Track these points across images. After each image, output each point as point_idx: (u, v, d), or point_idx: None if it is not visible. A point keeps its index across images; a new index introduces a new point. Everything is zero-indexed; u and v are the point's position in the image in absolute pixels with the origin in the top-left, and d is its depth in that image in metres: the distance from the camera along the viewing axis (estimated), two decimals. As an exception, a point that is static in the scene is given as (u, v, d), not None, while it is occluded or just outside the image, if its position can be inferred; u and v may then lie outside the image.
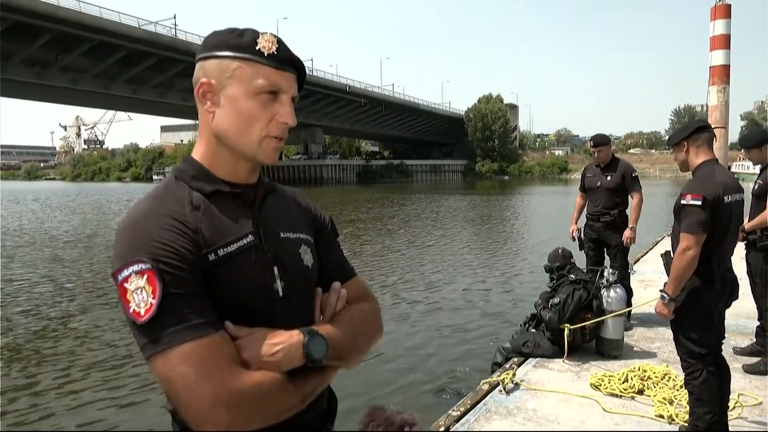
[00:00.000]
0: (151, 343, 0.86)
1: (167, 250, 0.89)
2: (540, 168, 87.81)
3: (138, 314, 0.86)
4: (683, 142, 2.90)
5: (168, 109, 58.63)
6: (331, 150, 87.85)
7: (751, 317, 4.63)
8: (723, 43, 20.90)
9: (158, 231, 0.91)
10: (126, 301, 0.87)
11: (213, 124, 1.01)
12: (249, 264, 0.98)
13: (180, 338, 0.86)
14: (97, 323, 7.35)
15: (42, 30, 35.00)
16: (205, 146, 1.04)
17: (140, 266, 0.87)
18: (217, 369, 0.86)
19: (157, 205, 0.96)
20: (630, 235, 5.11)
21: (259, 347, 0.92)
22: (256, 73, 0.98)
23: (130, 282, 0.87)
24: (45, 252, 13.99)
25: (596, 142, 5.32)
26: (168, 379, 0.86)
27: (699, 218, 2.68)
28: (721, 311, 2.90)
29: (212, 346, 0.87)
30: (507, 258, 12.60)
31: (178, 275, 0.89)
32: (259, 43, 0.99)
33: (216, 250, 0.95)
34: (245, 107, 0.99)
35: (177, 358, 0.85)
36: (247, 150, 1.01)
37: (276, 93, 1.00)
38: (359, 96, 65.42)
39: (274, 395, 0.91)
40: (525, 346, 4.44)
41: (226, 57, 0.99)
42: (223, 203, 1.01)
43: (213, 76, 1.00)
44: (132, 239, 0.91)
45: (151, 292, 0.86)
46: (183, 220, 0.94)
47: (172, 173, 1.05)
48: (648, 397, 3.62)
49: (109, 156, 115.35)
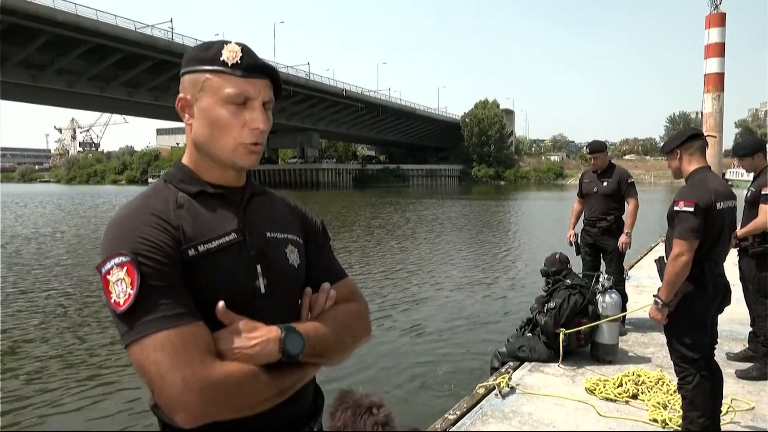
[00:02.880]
0: (128, 331, 0.91)
1: (146, 244, 0.94)
2: (536, 173, 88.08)
3: (118, 304, 0.91)
4: (676, 150, 2.94)
5: (164, 112, 58.55)
6: (327, 154, 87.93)
7: (743, 323, 4.68)
8: (718, 51, 21.07)
9: (140, 227, 0.96)
10: (108, 292, 0.93)
11: (192, 135, 1.08)
12: (230, 260, 1.02)
13: (155, 327, 0.90)
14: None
15: (38, 32, 34.96)
16: (190, 154, 1.11)
17: (120, 259, 0.93)
18: (189, 358, 0.89)
19: (143, 204, 1.02)
20: (626, 240, 5.15)
21: (237, 339, 0.95)
22: (223, 83, 1.03)
23: (111, 274, 0.93)
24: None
25: (593, 149, 5.37)
26: (142, 366, 0.90)
27: (691, 224, 2.71)
28: (714, 316, 2.94)
29: (186, 336, 0.91)
30: (502, 262, 12.63)
31: (156, 268, 0.93)
32: (223, 54, 1.03)
33: (196, 246, 0.99)
34: (216, 117, 1.03)
35: (151, 346, 0.89)
36: (224, 156, 1.05)
37: (246, 101, 1.04)
38: (356, 100, 65.55)
39: (246, 386, 0.93)
40: (521, 350, 4.46)
41: (196, 71, 1.05)
42: (208, 203, 1.06)
43: (188, 91, 1.06)
44: (115, 234, 0.96)
45: (130, 283, 0.91)
46: (165, 218, 0.99)
47: (162, 177, 1.12)
48: (642, 401, 3.64)
49: (104, 159, 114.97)
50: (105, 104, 57.09)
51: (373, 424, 1.24)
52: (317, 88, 58.62)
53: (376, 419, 1.25)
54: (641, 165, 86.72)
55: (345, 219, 24.39)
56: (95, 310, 8.18)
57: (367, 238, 17.60)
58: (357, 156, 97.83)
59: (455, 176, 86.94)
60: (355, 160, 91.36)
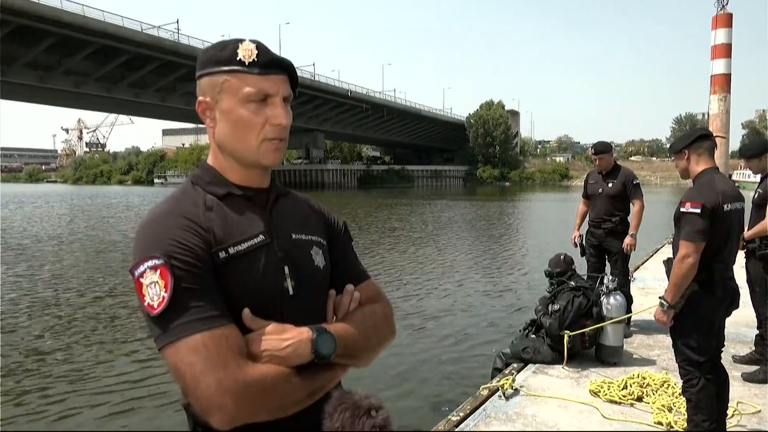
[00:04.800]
0: (162, 334, 0.91)
1: (179, 247, 0.95)
2: (541, 174, 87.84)
3: (152, 307, 0.92)
4: (684, 150, 2.92)
5: (170, 113, 58.82)
6: (332, 155, 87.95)
7: (750, 326, 4.64)
8: (724, 52, 20.99)
9: (172, 230, 0.96)
10: (141, 295, 0.93)
11: (215, 137, 1.08)
12: (259, 262, 1.02)
13: (189, 330, 0.90)
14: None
15: (45, 33, 35.17)
16: (215, 156, 1.11)
17: (154, 262, 0.93)
18: (223, 360, 0.89)
19: (173, 207, 1.02)
20: (630, 242, 5.12)
21: (269, 341, 0.96)
22: (241, 82, 1.03)
23: (145, 277, 0.93)
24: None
25: (597, 150, 5.35)
26: (177, 368, 0.90)
27: (698, 226, 2.69)
28: (722, 319, 2.91)
29: (220, 338, 0.91)
30: (507, 264, 12.60)
31: (189, 270, 0.93)
32: (239, 53, 1.03)
33: (226, 248, 0.99)
34: (238, 117, 1.03)
35: (185, 349, 0.89)
36: (248, 156, 1.06)
37: (266, 97, 1.04)
38: (361, 101, 65.60)
39: (279, 388, 0.94)
40: (525, 351, 4.44)
41: (214, 73, 1.04)
42: (236, 205, 1.06)
43: (207, 94, 1.06)
44: (148, 237, 0.97)
45: (164, 285, 0.91)
46: (196, 220, 0.99)
47: (189, 179, 1.11)
48: (647, 404, 3.62)
49: (110, 159, 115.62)
50: (111, 105, 57.35)
51: (372, 426, 1.24)
52: (322, 89, 58.69)
53: (374, 422, 1.25)
54: (647, 166, 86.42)
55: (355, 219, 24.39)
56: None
57: (371, 238, 17.60)
58: (362, 157, 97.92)
59: (460, 177, 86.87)
60: (360, 161, 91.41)
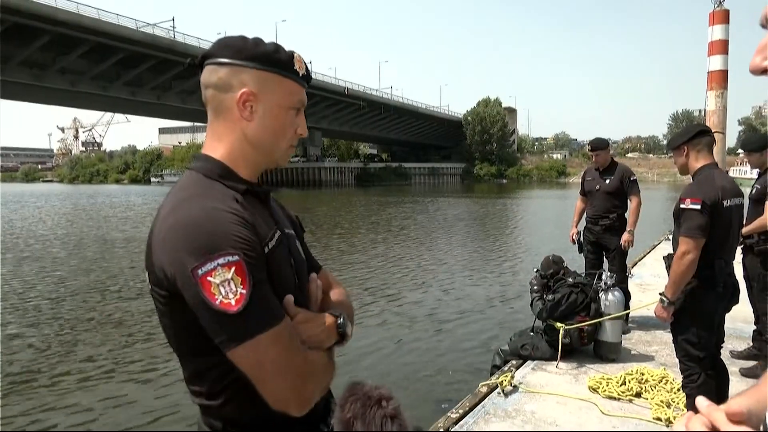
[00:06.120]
0: (240, 331, 0.91)
1: (246, 242, 0.94)
2: (538, 171, 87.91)
3: (229, 305, 0.90)
4: (683, 146, 2.91)
5: (166, 111, 58.71)
6: (329, 152, 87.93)
7: (748, 321, 4.65)
8: (721, 48, 21.02)
9: (231, 225, 0.94)
10: (211, 294, 0.90)
11: (248, 131, 1.08)
12: (282, 257, 1.07)
13: (267, 324, 0.93)
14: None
15: (40, 32, 35.01)
16: (230, 149, 1.08)
17: (226, 259, 0.91)
18: (296, 349, 0.97)
19: (212, 202, 0.97)
20: (628, 238, 5.13)
21: (308, 328, 1.03)
22: (293, 90, 1.10)
23: (215, 275, 0.90)
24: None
25: (594, 146, 5.35)
26: (259, 363, 0.93)
27: (698, 222, 2.69)
28: (722, 315, 2.92)
29: (289, 330, 0.97)
30: (505, 261, 12.61)
31: (257, 266, 0.95)
32: (294, 63, 1.09)
33: (267, 243, 1.02)
34: (282, 120, 1.09)
35: (268, 343, 0.92)
36: (277, 156, 1.12)
37: (300, 108, 1.12)
38: (358, 99, 65.51)
39: (328, 369, 1.06)
40: (523, 348, 4.44)
41: (269, 71, 1.06)
42: (251, 201, 1.07)
43: (255, 87, 1.06)
44: (207, 234, 0.92)
45: (241, 282, 0.91)
46: (242, 215, 0.98)
47: (198, 172, 1.07)
48: (646, 400, 3.62)
49: (106, 158, 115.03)
50: (107, 103, 57.22)
51: (382, 416, 1.26)
52: (319, 87, 58.60)
53: (385, 412, 1.27)
54: (644, 163, 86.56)
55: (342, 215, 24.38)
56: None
57: (368, 236, 17.60)
58: (359, 154, 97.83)
59: (457, 174, 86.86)
60: (357, 159, 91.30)
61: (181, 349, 1.03)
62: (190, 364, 1.03)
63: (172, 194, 1.03)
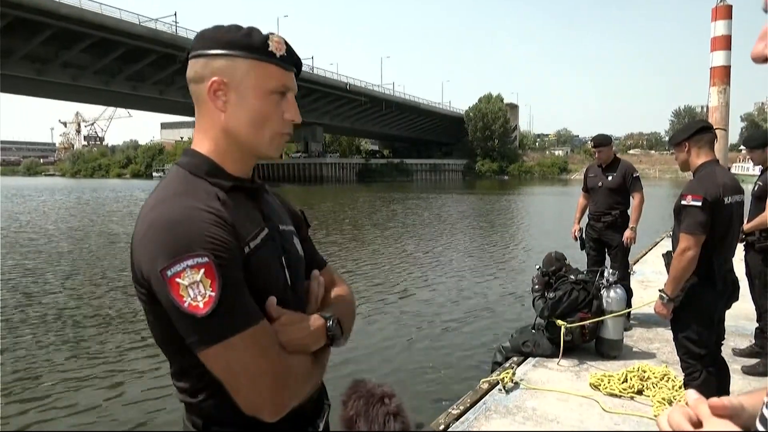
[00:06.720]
0: (209, 335, 0.89)
1: (217, 243, 0.91)
2: (540, 168, 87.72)
3: (197, 308, 0.87)
4: (685, 142, 2.91)
5: (168, 106, 58.65)
6: (331, 148, 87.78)
7: (750, 319, 4.64)
8: (724, 44, 20.84)
9: (204, 225, 0.91)
10: (179, 296, 0.87)
11: (224, 122, 1.03)
12: (268, 255, 1.03)
13: (238, 327, 0.90)
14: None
15: (43, 26, 34.98)
16: (214, 143, 1.05)
17: (196, 260, 0.88)
18: (270, 353, 0.93)
19: (190, 201, 0.95)
20: (630, 235, 5.12)
21: (293, 331, 0.99)
22: (269, 74, 1.02)
23: (183, 277, 0.87)
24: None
25: (597, 143, 5.33)
26: (228, 367, 0.90)
27: (699, 219, 2.68)
28: (722, 312, 2.91)
29: (265, 332, 0.93)
30: (507, 257, 12.62)
31: (229, 267, 0.91)
32: (270, 44, 1.02)
33: (248, 243, 0.99)
34: (259, 107, 1.02)
35: (238, 346, 0.89)
36: (260, 147, 1.05)
37: (284, 92, 1.05)
38: (359, 94, 65.38)
39: (311, 373, 1.01)
40: (525, 345, 4.44)
41: (239, 56, 1.00)
42: (238, 198, 1.04)
43: (226, 75, 1.01)
44: (179, 235, 0.90)
45: (210, 285, 0.88)
46: (220, 215, 0.95)
47: (184, 168, 1.04)
48: (647, 397, 3.62)
49: (108, 153, 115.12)
50: (109, 98, 57.17)
51: (385, 414, 1.26)
52: (321, 82, 58.48)
53: (387, 409, 1.27)
54: (646, 159, 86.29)
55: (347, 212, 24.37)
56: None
57: (370, 233, 17.60)
58: (361, 150, 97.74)
59: (459, 171, 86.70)
60: (358, 155, 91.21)
61: (165, 346, 1.01)
62: (174, 361, 1.01)
63: (156, 191, 1.00)
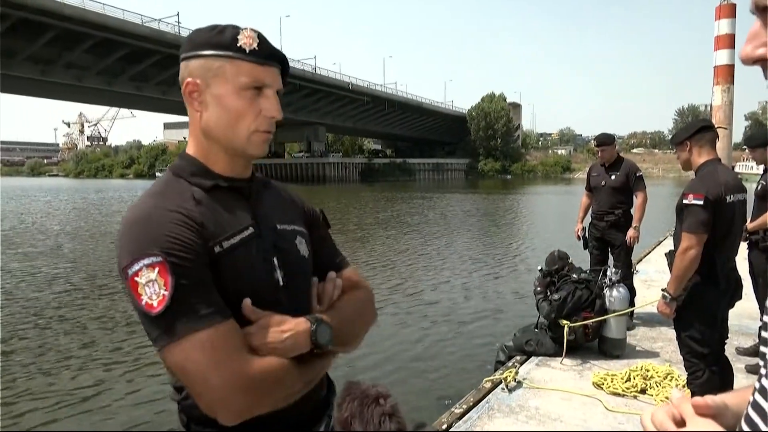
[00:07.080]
0: (164, 333, 0.89)
1: (176, 243, 0.91)
2: (543, 167, 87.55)
3: (151, 306, 0.89)
4: (686, 142, 2.91)
5: (171, 106, 58.65)
6: (333, 148, 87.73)
7: (753, 318, 4.63)
8: (728, 42, 20.75)
9: (166, 225, 0.93)
10: (137, 295, 0.89)
11: (203, 123, 1.03)
12: (251, 255, 1.01)
13: (192, 327, 0.88)
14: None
15: (46, 27, 35.09)
16: (197, 144, 1.07)
17: (151, 259, 0.89)
18: (228, 356, 0.89)
19: (161, 201, 0.98)
20: (633, 234, 5.11)
21: (268, 334, 0.95)
22: (239, 70, 1.00)
23: (140, 275, 0.89)
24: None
25: (600, 142, 5.33)
26: (182, 367, 0.89)
27: (700, 218, 2.68)
28: (725, 311, 2.91)
29: (223, 334, 0.90)
30: (510, 256, 12.60)
31: (188, 267, 0.91)
32: (240, 39, 1.00)
33: (221, 242, 0.98)
34: (231, 105, 1.01)
35: (190, 347, 0.88)
36: (237, 145, 1.03)
37: (260, 88, 1.02)
38: (362, 94, 65.39)
39: (283, 379, 0.95)
40: (527, 344, 4.44)
41: (209, 56, 1.00)
42: (222, 197, 1.04)
43: (198, 76, 1.01)
44: (140, 234, 0.92)
45: (163, 284, 0.88)
46: (189, 214, 0.96)
47: (170, 170, 1.07)
48: (650, 396, 3.62)
49: (112, 153, 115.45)
50: (113, 98, 57.28)
51: (380, 414, 1.25)
52: (324, 82, 58.50)
53: (383, 410, 1.26)
54: (649, 158, 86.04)
55: (350, 210, 24.37)
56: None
57: (374, 232, 17.60)
58: (363, 150, 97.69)
59: (462, 170, 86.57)
60: (361, 155, 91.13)
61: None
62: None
63: (143, 192, 1.04)
